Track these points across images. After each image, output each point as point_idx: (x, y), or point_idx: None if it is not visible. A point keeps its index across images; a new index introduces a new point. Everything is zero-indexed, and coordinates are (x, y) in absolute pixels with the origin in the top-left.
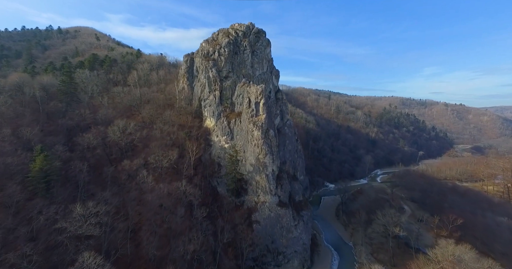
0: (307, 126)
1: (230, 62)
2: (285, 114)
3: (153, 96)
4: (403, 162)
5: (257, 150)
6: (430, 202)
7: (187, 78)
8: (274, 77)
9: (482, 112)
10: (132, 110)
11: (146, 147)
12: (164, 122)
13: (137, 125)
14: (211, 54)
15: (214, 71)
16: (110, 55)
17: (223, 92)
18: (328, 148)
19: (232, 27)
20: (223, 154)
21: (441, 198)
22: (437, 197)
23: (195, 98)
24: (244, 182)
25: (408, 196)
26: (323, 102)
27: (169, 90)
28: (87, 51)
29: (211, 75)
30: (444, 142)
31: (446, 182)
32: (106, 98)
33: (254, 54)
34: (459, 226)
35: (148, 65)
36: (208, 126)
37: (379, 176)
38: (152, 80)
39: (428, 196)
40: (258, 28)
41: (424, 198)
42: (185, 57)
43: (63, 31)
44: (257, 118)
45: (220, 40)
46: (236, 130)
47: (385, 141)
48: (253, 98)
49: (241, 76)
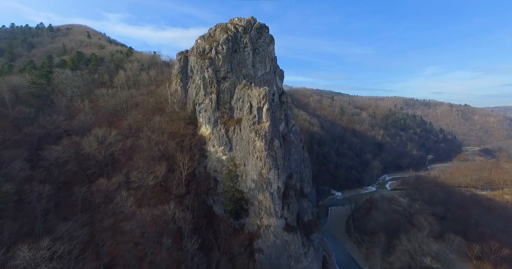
0: (311, 129)
1: (229, 61)
2: (290, 119)
3: (142, 99)
4: (411, 166)
5: (259, 163)
6: (452, 218)
7: (180, 79)
8: (278, 78)
9: (488, 113)
10: (117, 115)
11: (130, 159)
12: (152, 130)
13: (120, 134)
14: (208, 52)
15: (210, 71)
16: (99, 53)
17: (221, 96)
18: (334, 153)
19: (231, 22)
20: (220, 167)
21: (464, 213)
22: (459, 211)
23: (189, 101)
24: (245, 201)
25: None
26: (326, 103)
27: (160, 93)
28: (76, 49)
29: (207, 76)
30: (452, 144)
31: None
32: (87, 101)
33: (255, 52)
34: (503, 257)
35: (138, 65)
36: (204, 134)
37: (388, 183)
38: (142, 81)
39: (448, 209)
40: (260, 23)
41: (445, 211)
42: (179, 55)
43: (54, 29)
44: (259, 126)
45: (217, 37)
46: (235, 140)
47: (392, 144)
48: (255, 102)
49: (241, 77)
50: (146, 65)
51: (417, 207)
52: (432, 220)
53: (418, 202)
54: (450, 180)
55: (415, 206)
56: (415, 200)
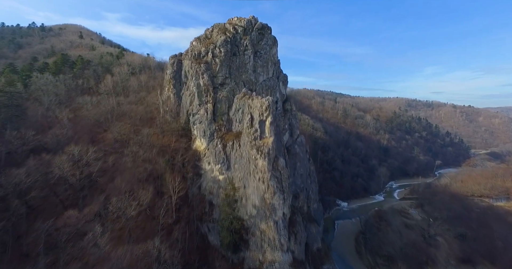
0: (314, 134)
1: (227, 65)
2: (295, 129)
3: (130, 108)
4: (418, 172)
5: (262, 186)
6: (475, 237)
7: (173, 86)
8: (282, 83)
9: (492, 115)
10: (102, 127)
11: (111, 181)
12: (139, 145)
13: (102, 150)
14: (204, 56)
15: (206, 77)
16: (88, 55)
17: (217, 106)
18: (338, 159)
19: (230, 22)
20: (216, 188)
21: (487, 232)
22: (482, 230)
23: (182, 110)
24: (245, 230)
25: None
26: (329, 106)
27: (150, 100)
28: (65, 50)
29: (202, 83)
30: (460, 148)
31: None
32: (66, 111)
33: (257, 56)
34: None
35: (128, 68)
36: (198, 148)
37: (396, 191)
38: (131, 87)
39: (468, 225)
40: (262, 24)
41: (465, 229)
42: (171, 58)
43: (46, 28)
44: (261, 142)
45: (214, 38)
46: (234, 157)
47: (398, 149)
48: (256, 114)
49: (240, 83)
50: (138, 68)
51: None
52: (452, 240)
53: (432, 216)
54: (462, 189)
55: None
56: (427, 212)
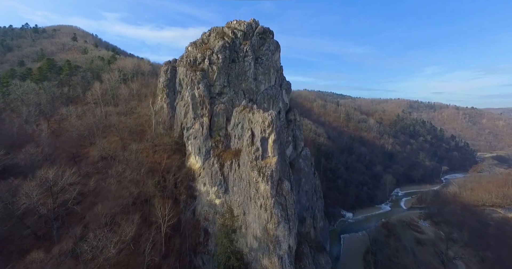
0: (317, 140)
1: (226, 73)
2: (299, 141)
3: (118, 120)
4: (424, 178)
5: (264, 214)
6: (496, 260)
7: (166, 95)
8: (285, 92)
9: (496, 117)
10: (86, 141)
11: (91, 209)
12: (127, 163)
13: (83, 171)
14: (200, 63)
15: (201, 87)
16: (79, 59)
17: (214, 119)
18: (342, 166)
19: (229, 26)
20: (212, 214)
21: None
22: (503, 251)
23: (176, 122)
24: (244, 266)
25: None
26: (331, 109)
27: (141, 111)
28: (56, 54)
29: (197, 94)
30: (465, 152)
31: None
32: (46, 124)
33: (258, 62)
34: None
35: (119, 74)
36: (193, 166)
37: (402, 199)
38: (121, 96)
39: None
40: (264, 27)
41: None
42: (165, 65)
43: (39, 30)
44: (263, 162)
45: (212, 43)
46: (232, 179)
47: (403, 154)
48: (257, 131)
49: (240, 93)
50: (130, 74)
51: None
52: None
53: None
54: (472, 198)
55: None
56: (438, 224)
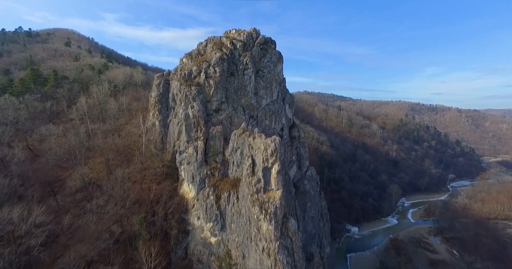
0: (320, 149)
1: (223, 87)
2: (304, 160)
3: (104, 140)
4: (430, 187)
5: (267, 260)
6: None
7: (158, 111)
8: (288, 106)
9: (500, 120)
10: (66, 166)
11: (60, 256)
12: (110, 193)
13: (57, 207)
14: (195, 76)
15: (196, 107)
16: (69, 67)
17: (210, 143)
18: (346, 176)
19: (227, 36)
20: (207, 255)
21: None
22: None
23: (169, 141)
24: None
25: None
26: (332, 114)
27: (131, 129)
28: (46, 60)
29: (191, 114)
30: (471, 158)
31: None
32: (21, 146)
33: (259, 76)
34: None
35: (109, 86)
36: (186, 195)
37: (409, 211)
38: (110, 111)
39: None
40: (265, 37)
41: None
42: (157, 78)
43: (33, 33)
44: (266, 196)
45: (208, 55)
46: (230, 214)
47: (408, 161)
48: (259, 159)
49: (239, 109)
50: (121, 85)
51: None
52: None
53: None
54: (483, 209)
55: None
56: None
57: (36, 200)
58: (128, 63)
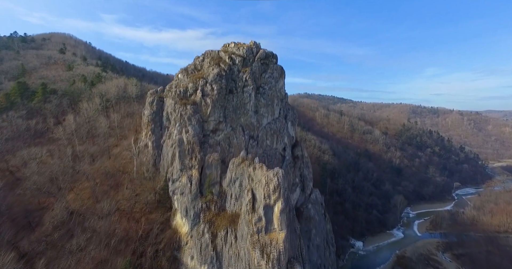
0: (322, 158)
1: (221, 106)
2: (308, 181)
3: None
4: (435, 195)
5: None
6: None
7: (152, 131)
8: (290, 124)
9: (502, 123)
10: (47, 196)
11: None
12: (92, 231)
13: (28, 250)
14: (191, 94)
15: (191, 130)
16: (62, 76)
17: (206, 172)
18: (349, 187)
19: (226, 50)
20: None
21: None
22: None
23: (163, 165)
24: None
25: None
26: (334, 119)
27: (121, 152)
28: (39, 69)
29: (186, 140)
30: (476, 165)
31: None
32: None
33: (259, 93)
34: None
35: (101, 101)
36: (179, 228)
37: (415, 222)
38: (100, 129)
39: None
40: (266, 52)
41: None
42: (151, 95)
43: (28, 39)
44: (268, 237)
45: (206, 71)
46: (227, 256)
47: (412, 168)
48: (260, 194)
49: (238, 129)
50: (113, 99)
51: None
52: None
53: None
54: (493, 222)
55: None
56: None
57: (6, 240)
58: (126, 68)
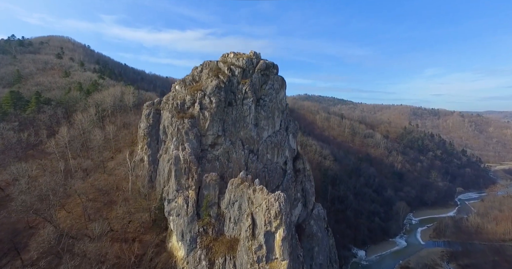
0: (323, 164)
1: (220, 119)
2: (310, 196)
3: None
4: (438, 200)
5: None
6: None
7: (148, 145)
8: (292, 136)
9: (504, 125)
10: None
11: None
12: (82, 256)
13: None
14: (189, 107)
15: (188, 147)
16: (58, 83)
17: (204, 192)
18: (351, 194)
19: (225, 60)
20: None
21: None
22: None
23: (159, 181)
24: None
25: None
26: (335, 122)
27: (116, 168)
28: (35, 75)
29: (182, 157)
30: (478, 168)
31: None
32: None
33: (259, 105)
34: None
35: (96, 111)
36: (175, 252)
37: (418, 230)
38: (94, 142)
39: None
40: (267, 62)
41: None
42: (147, 108)
43: (25, 42)
44: (269, 267)
45: (204, 82)
46: None
47: (414, 173)
48: (260, 220)
49: (238, 143)
50: (109, 109)
51: None
52: None
53: None
54: (498, 230)
55: None
56: None
57: None
58: (125, 72)
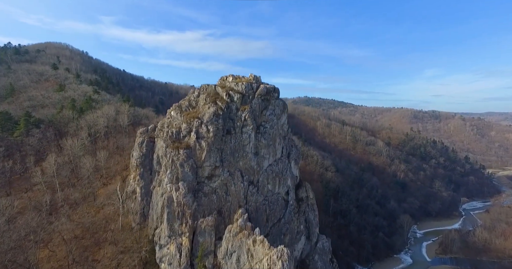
0: (325, 175)
1: (218, 149)
2: (314, 227)
3: (71, 219)
4: (442, 211)
5: None
6: None
7: (140, 176)
8: (294, 163)
9: (506, 129)
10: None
11: None
12: None
13: None
14: (185, 136)
15: (182, 188)
16: (52, 98)
17: (199, 239)
18: (354, 208)
19: (223, 85)
20: None
21: None
22: None
23: (152, 215)
24: None
25: None
26: (336, 129)
27: (105, 201)
28: (28, 88)
29: (176, 199)
30: (482, 176)
31: None
32: None
33: (259, 132)
34: None
35: (87, 133)
36: None
37: (423, 244)
38: (83, 170)
39: None
40: (267, 87)
41: None
42: (140, 135)
43: (21, 51)
44: None
45: (201, 109)
46: None
47: (417, 183)
48: None
49: (237, 174)
50: (103, 131)
51: None
52: None
53: None
54: (507, 245)
55: None
56: None
57: None
58: (123, 79)
